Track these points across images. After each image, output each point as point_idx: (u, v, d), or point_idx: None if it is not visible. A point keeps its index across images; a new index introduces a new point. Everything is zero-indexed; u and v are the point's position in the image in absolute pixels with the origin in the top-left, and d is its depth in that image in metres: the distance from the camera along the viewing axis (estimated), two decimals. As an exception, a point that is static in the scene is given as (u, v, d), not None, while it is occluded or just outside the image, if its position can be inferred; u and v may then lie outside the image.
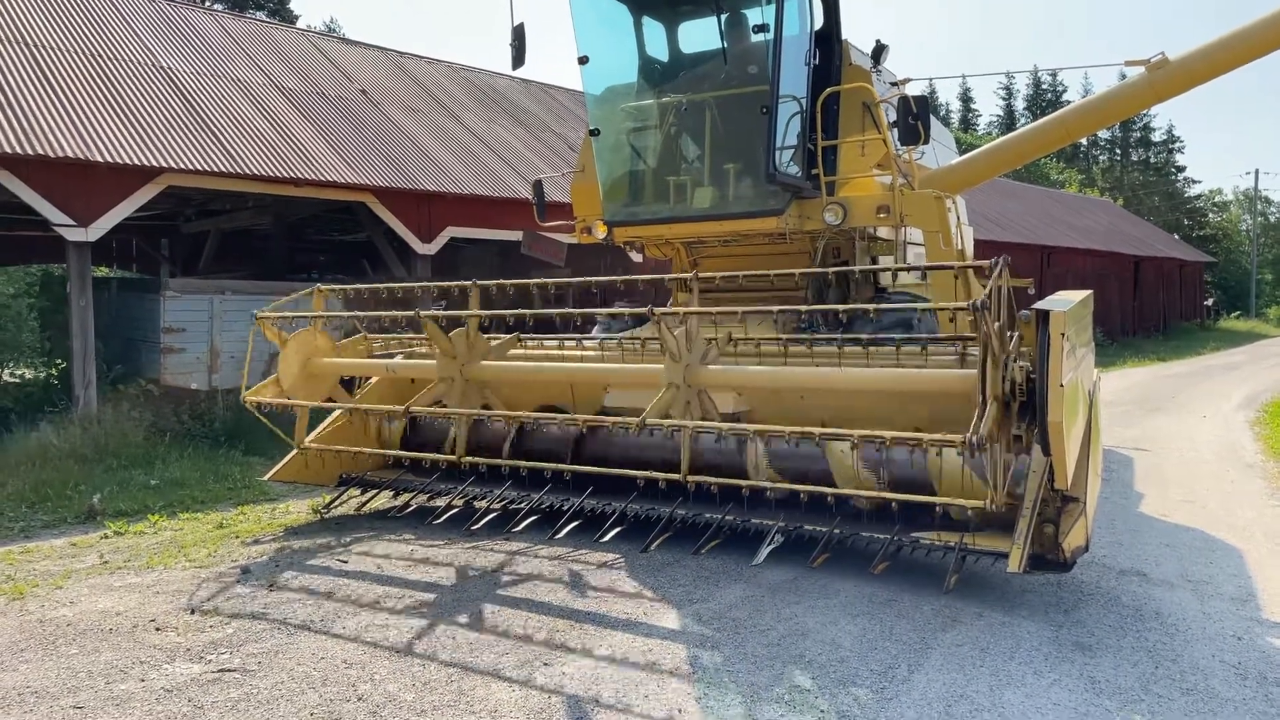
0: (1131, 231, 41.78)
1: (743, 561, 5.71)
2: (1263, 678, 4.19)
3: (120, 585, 5.65)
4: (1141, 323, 36.61)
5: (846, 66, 7.96)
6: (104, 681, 4.15)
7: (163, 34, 14.17)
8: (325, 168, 12.72)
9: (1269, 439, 11.17)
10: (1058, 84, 72.90)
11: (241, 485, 8.89)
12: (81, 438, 9.83)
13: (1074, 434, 4.64)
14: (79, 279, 10.72)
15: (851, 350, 5.89)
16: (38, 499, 8.14)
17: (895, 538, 5.37)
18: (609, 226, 8.20)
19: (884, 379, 5.30)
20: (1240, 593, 5.43)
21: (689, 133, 7.96)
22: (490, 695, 3.98)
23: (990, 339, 4.53)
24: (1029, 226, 30.77)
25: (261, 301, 12.69)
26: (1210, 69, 8.08)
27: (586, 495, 6.46)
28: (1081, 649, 4.49)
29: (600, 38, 8.06)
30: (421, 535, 6.62)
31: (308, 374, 7.03)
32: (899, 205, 7.39)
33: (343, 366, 7.24)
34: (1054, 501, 4.94)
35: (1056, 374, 4.33)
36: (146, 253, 19.30)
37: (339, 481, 7.44)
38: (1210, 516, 7.34)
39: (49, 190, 10.29)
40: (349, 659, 4.39)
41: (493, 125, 17.68)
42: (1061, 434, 4.36)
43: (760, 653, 4.40)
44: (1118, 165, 67.16)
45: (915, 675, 4.16)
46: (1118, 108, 9.14)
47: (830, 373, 5.46)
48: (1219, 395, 16.31)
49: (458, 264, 17.83)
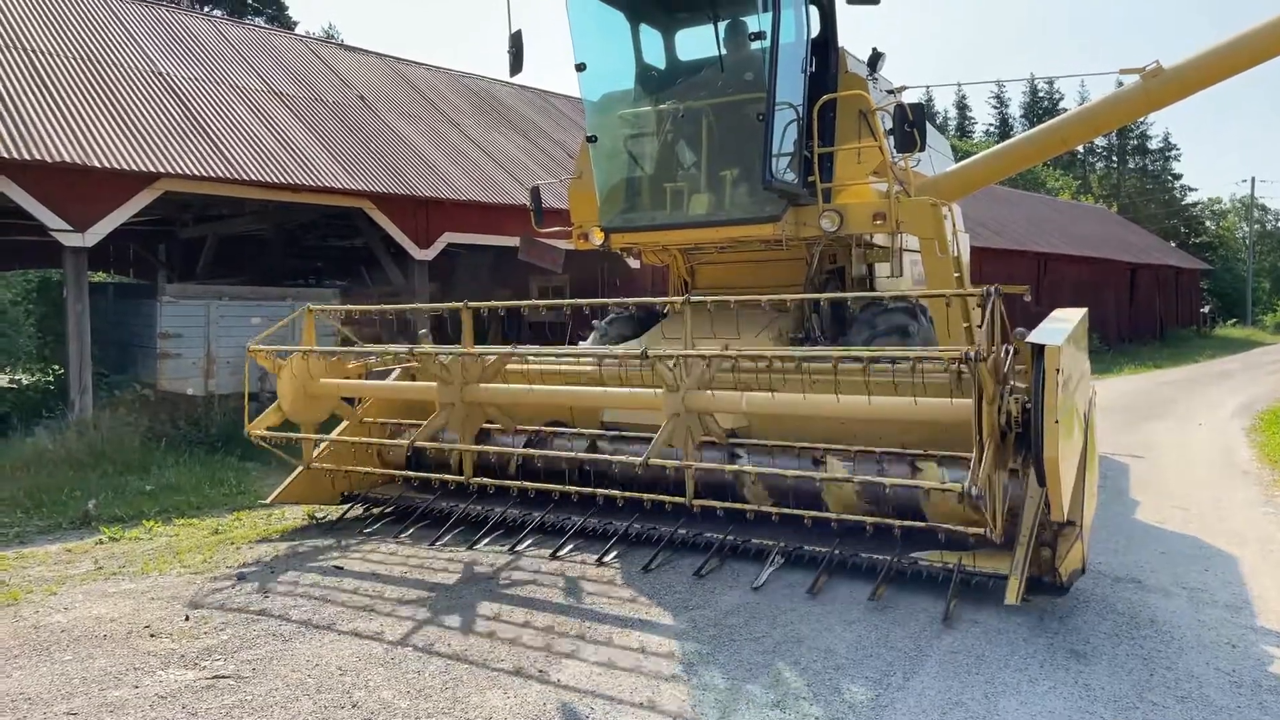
0: (1128, 239, 41.87)
1: (740, 572, 5.70)
2: (1257, 685, 4.19)
3: (115, 591, 5.64)
4: (1138, 330, 36.66)
5: (843, 74, 7.98)
6: (98, 687, 4.14)
7: (161, 40, 14.19)
8: (323, 174, 12.73)
9: (1264, 446, 11.18)
10: (1054, 92, 73.17)
11: (237, 491, 8.88)
12: (77, 443, 9.82)
13: (1070, 462, 4.62)
14: (75, 284, 10.72)
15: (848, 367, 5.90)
16: (33, 504, 8.13)
17: (895, 559, 5.37)
18: (606, 233, 8.21)
19: (880, 408, 5.22)
20: (1235, 600, 5.43)
21: (686, 139, 7.98)
22: (485, 703, 3.97)
23: (984, 389, 4.54)
24: (1025, 234, 30.84)
25: (258, 307, 12.74)
26: (1204, 77, 8.11)
27: (589, 514, 6.45)
28: (1077, 656, 4.49)
29: (598, 45, 8.08)
30: (418, 541, 6.61)
31: (308, 395, 7.04)
32: (895, 212, 7.41)
33: (342, 386, 7.24)
34: (1050, 526, 4.96)
35: (1052, 409, 4.31)
36: (144, 258, 19.28)
37: (342, 499, 7.46)
38: (1205, 524, 7.35)
39: (46, 195, 10.29)
40: (344, 666, 4.38)
41: (491, 131, 17.71)
42: (1057, 469, 4.35)
43: (756, 659, 4.40)
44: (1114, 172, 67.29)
45: (910, 682, 4.16)
46: (1113, 115, 9.17)
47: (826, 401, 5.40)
48: (1215, 402, 16.34)
49: (455, 270, 17.85)
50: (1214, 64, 8.05)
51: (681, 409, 5.59)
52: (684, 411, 5.60)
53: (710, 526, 6.07)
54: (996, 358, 4.63)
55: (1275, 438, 11.63)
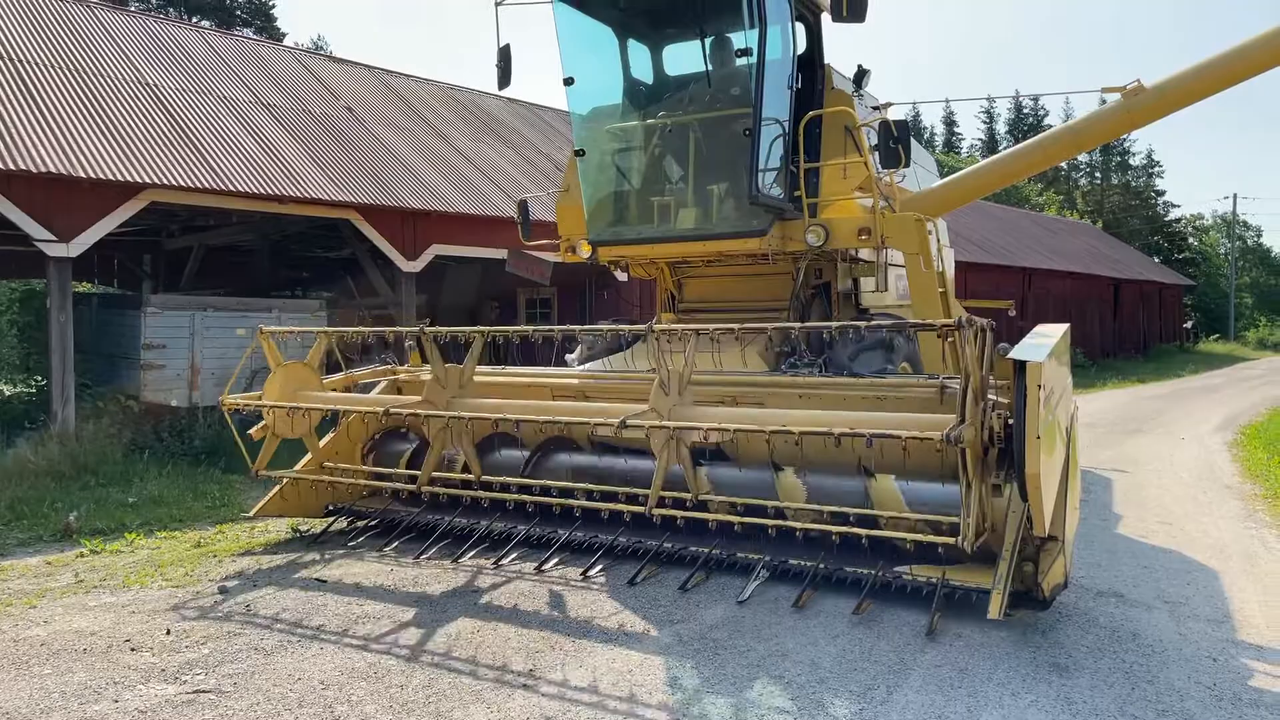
0: (1111, 254, 42.25)
1: (725, 586, 5.71)
2: (1237, 699, 4.22)
3: (95, 605, 5.59)
4: (1121, 345, 36.95)
5: (829, 91, 8.06)
6: (77, 702, 4.10)
7: (149, 51, 14.16)
8: (310, 185, 12.71)
9: (1246, 461, 11.28)
10: (1039, 108, 73.99)
11: (220, 504, 8.82)
12: (59, 454, 9.73)
13: (1052, 477, 4.65)
14: (59, 294, 10.64)
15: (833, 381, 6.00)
16: (13, 516, 8.05)
17: (880, 573, 5.39)
18: (593, 246, 8.24)
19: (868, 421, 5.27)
20: (1216, 614, 5.47)
21: (673, 154, 8.03)
22: (468, 717, 3.95)
23: (969, 458, 4.64)
24: (1010, 249, 31.07)
25: (244, 318, 12.68)
26: (1184, 96, 8.22)
27: (574, 528, 6.45)
28: (1059, 670, 4.51)
29: (586, 60, 8.13)
30: (402, 555, 6.58)
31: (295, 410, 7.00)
32: (880, 227, 7.47)
33: (330, 399, 7.20)
34: (1033, 541, 4.98)
35: (1034, 426, 4.32)
36: (129, 268, 19.19)
37: (326, 511, 7.40)
38: (1188, 538, 7.40)
39: (30, 205, 10.24)
40: (326, 680, 4.36)
41: (479, 144, 17.74)
42: (1039, 485, 4.36)
43: (740, 673, 4.40)
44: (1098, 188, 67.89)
45: (894, 696, 4.17)
46: (1095, 133, 9.27)
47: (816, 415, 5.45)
48: (1198, 417, 16.47)
49: (443, 282, 17.83)
50: (1194, 82, 8.17)
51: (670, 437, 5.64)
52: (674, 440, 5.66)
53: (696, 541, 6.07)
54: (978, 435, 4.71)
55: (1257, 453, 11.73)
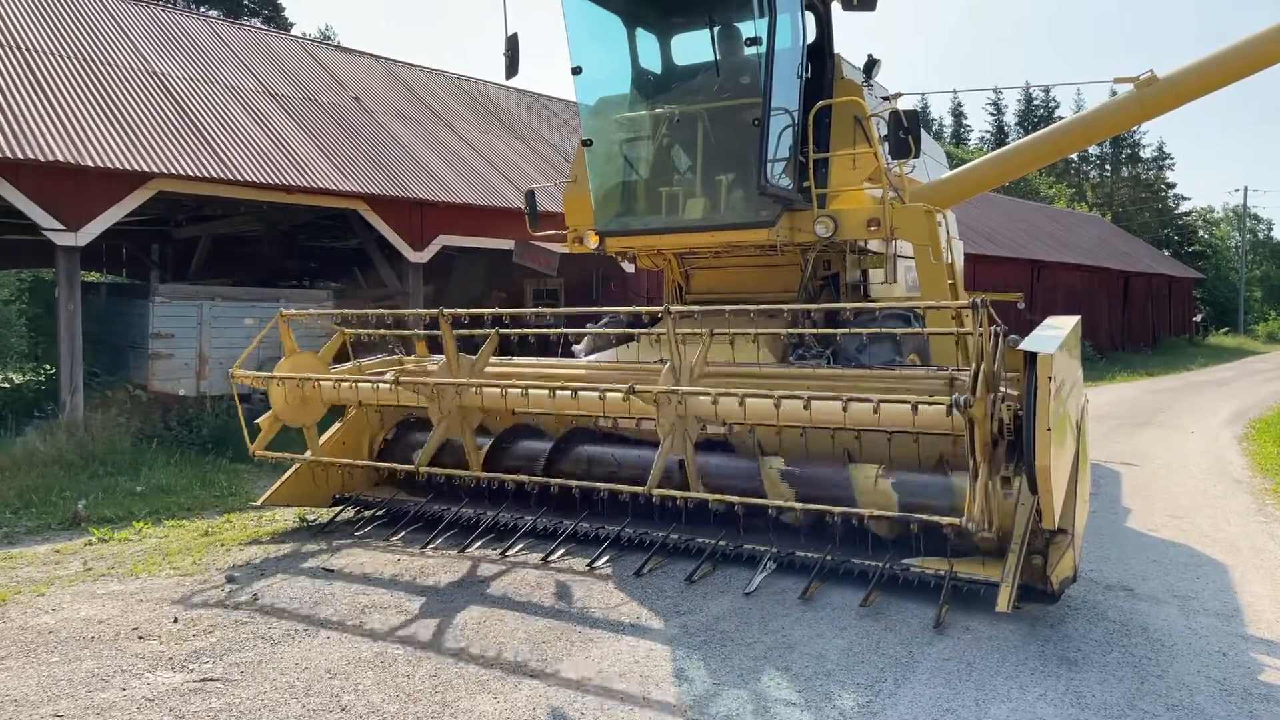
0: (1121, 247, 42.03)
1: (732, 578, 5.70)
2: (1247, 694, 4.19)
3: (103, 593, 5.61)
4: (1130, 338, 36.78)
5: (838, 80, 8.00)
6: (85, 690, 4.11)
7: (156, 39, 14.16)
8: (318, 175, 12.71)
9: (1256, 455, 11.22)
10: (1049, 100, 73.50)
11: (228, 493, 8.84)
12: (68, 443, 9.77)
13: (1062, 470, 4.60)
14: (68, 284, 10.67)
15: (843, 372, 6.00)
16: (22, 505, 8.09)
17: (887, 565, 5.37)
18: (601, 236, 8.21)
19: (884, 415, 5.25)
20: (1225, 608, 5.44)
21: (681, 144, 7.99)
22: (475, 707, 3.96)
23: (976, 449, 4.60)
24: (1019, 241, 30.93)
25: (252, 308, 12.70)
26: (1196, 87, 8.15)
27: (581, 519, 6.44)
28: (1067, 664, 4.49)
29: (594, 49, 8.09)
30: (409, 545, 6.59)
31: (301, 397, 7.01)
32: (889, 219, 7.42)
33: (337, 376, 7.19)
34: (1042, 534, 4.96)
35: (1044, 418, 4.28)
36: (137, 258, 19.21)
37: (333, 501, 7.41)
38: (1197, 532, 7.36)
39: (39, 194, 10.25)
40: (333, 669, 4.36)
41: (486, 134, 17.71)
42: (1049, 478, 4.32)
43: (747, 665, 4.39)
44: (1108, 181, 67.52)
45: (901, 689, 4.15)
46: (1107, 124, 9.21)
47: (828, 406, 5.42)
48: (1207, 411, 16.38)
49: (450, 272, 17.82)
50: (1207, 74, 8.10)
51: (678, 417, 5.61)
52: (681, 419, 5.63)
53: (703, 531, 6.06)
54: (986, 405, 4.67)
55: (1267, 446, 11.67)
